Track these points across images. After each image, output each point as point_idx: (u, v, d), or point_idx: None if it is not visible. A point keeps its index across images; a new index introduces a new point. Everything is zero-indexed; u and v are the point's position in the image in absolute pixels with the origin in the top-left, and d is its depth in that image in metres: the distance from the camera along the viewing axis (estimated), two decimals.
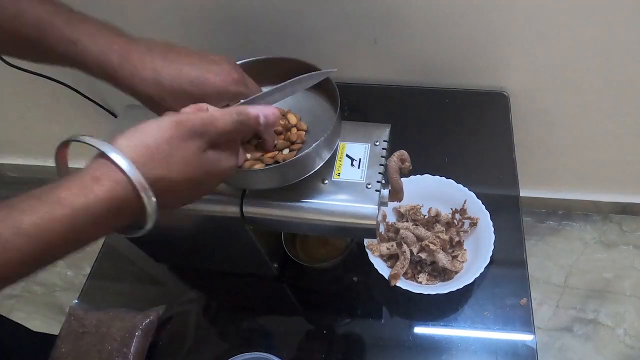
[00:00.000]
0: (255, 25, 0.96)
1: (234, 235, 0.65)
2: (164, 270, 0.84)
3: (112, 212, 0.34)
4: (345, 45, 0.99)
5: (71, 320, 0.75)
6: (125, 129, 0.37)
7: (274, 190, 0.56)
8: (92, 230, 0.35)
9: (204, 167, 0.39)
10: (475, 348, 0.72)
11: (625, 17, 0.86)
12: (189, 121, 0.38)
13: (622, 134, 1.13)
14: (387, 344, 0.74)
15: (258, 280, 0.81)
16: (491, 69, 1.00)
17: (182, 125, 0.38)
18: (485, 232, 0.75)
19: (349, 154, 0.59)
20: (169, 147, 0.37)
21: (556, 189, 1.41)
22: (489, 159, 0.92)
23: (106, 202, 0.34)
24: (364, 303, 0.79)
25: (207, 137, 0.39)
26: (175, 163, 0.37)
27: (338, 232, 0.61)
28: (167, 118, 0.38)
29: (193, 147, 0.38)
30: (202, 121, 0.39)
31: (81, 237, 0.35)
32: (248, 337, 0.77)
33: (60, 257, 0.35)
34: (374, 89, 1.06)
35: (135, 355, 0.71)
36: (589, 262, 1.41)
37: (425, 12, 0.89)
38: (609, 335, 1.30)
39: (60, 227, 0.33)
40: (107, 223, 0.35)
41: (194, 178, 0.39)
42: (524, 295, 0.75)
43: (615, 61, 0.94)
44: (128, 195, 0.35)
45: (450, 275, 0.74)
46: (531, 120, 1.11)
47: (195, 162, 0.38)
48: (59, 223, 0.33)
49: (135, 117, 0.62)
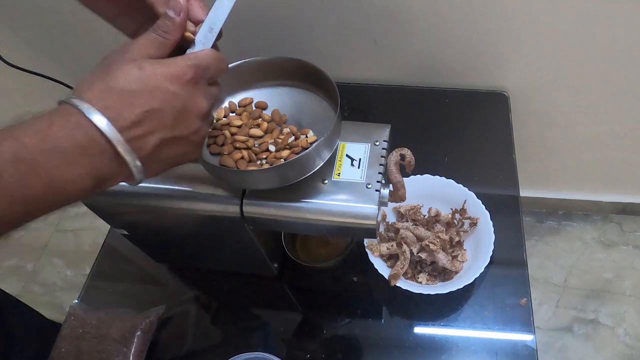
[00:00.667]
0: (255, 25, 0.97)
1: (234, 235, 0.65)
2: (164, 270, 0.84)
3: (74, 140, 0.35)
4: (345, 45, 0.99)
5: (71, 320, 0.75)
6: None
7: (274, 190, 0.56)
8: (64, 164, 0.35)
9: (136, 66, 0.38)
10: (475, 348, 0.72)
11: (625, 17, 0.86)
12: (115, 50, 0.40)
13: (622, 134, 1.13)
14: (387, 344, 0.74)
15: (258, 280, 0.81)
16: (491, 69, 1.00)
17: (110, 51, 0.40)
18: (485, 232, 0.75)
19: (349, 154, 0.59)
20: (103, 66, 0.38)
21: (556, 189, 1.41)
22: (489, 159, 0.92)
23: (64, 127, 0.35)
24: (364, 303, 0.79)
25: (129, 48, 0.40)
26: (108, 73, 0.38)
27: (338, 232, 0.61)
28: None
29: (122, 59, 0.39)
30: (123, 45, 0.40)
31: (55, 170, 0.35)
32: (248, 337, 0.77)
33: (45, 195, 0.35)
34: (374, 89, 1.06)
35: (135, 355, 0.71)
36: (589, 262, 1.41)
37: (425, 12, 0.90)
38: (609, 335, 1.30)
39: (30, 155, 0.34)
40: (77, 158, 0.35)
41: (135, 80, 0.38)
42: (524, 295, 0.75)
43: (615, 61, 0.94)
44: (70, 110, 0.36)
45: (450, 275, 0.74)
46: (531, 120, 1.11)
47: (127, 65, 0.38)
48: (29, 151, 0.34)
49: None
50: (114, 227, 0.70)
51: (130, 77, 0.38)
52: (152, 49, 0.40)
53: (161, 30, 0.41)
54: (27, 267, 1.53)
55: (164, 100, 0.39)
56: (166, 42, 0.41)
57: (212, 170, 0.54)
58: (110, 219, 0.68)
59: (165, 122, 0.39)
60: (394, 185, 0.59)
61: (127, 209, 0.64)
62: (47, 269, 1.53)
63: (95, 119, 0.35)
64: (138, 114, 0.37)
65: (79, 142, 0.35)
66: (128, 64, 0.38)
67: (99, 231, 1.54)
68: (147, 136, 0.38)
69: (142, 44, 0.40)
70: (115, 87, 0.37)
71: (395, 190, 0.60)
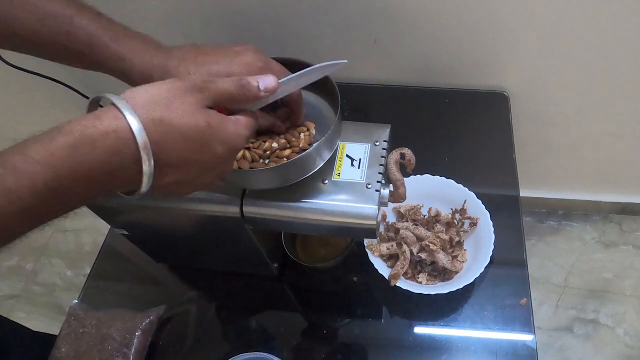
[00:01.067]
0: (255, 25, 0.97)
1: (234, 235, 0.65)
2: (164, 270, 0.84)
3: (108, 147, 0.35)
4: (345, 45, 0.99)
5: (71, 320, 0.75)
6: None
7: (274, 190, 0.56)
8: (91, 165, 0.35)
9: (205, 119, 0.39)
10: (475, 348, 0.72)
11: (625, 17, 0.86)
12: (190, 78, 0.40)
13: (622, 134, 1.13)
14: (387, 344, 0.74)
15: (258, 280, 0.81)
16: (491, 69, 1.00)
17: (183, 80, 0.40)
18: (485, 232, 0.75)
19: (349, 154, 0.59)
20: (170, 95, 0.38)
21: (556, 189, 1.41)
22: (489, 158, 0.92)
23: (102, 134, 0.35)
24: (364, 303, 0.79)
25: (207, 93, 0.40)
26: (175, 108, 0.37)
27: (338, 232, 0.61)
28: (172, 78, 0.40)
29: (193, 99, 0.39)
30: (202, 79, 0.41)
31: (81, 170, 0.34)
32: (248, 337, 0.77)
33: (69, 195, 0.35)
34: (374, 89, 1.06)
35: (135, 355, 0.71)
36: (589, 262, 1.41)
37: (425, 13, 0.90)
38: (609, 335, 1.30)
39: (61, 151, 0.33)
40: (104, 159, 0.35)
41: (195, 130, 0.38)
42: (524, 295, 0.75)
43: (615, 61, 0.94)
44: (124, 133, 0.35)
45: (450, 275, 0.74)
46: (531, 120, 1.11)
47: (196, 112, 0.38)
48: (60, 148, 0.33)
49: None
50: (114, 227, 0.70)
51: (196, 127, 0.38)
52: (224, 101, 0.42)
53: (243, 93, 0.43)
54: (27, 267, 1.53)
55: (207, 158, 0.40)
56: (238, 103, 0.43)
57: None
58: (110, 219, 0.68)
59: (193, 172, 0.40)
60: (394, 184, 0.59)
61: (127, 209, 0.64)
62: (47, 269, 1.53)
63: (142, 150, 0.35)
64: (178, 160, 0.38)
65: (113, 169, 0.35)
66: (199, 112, 0.39)
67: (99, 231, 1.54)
68: (170, 175, 0.39)
69: (219, 93, 0.41)
70: (176, 130, 0.37)
71: (395, 189, 0.60)
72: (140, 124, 0.35)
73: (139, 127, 0.35)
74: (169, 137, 0.37)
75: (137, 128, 0.35)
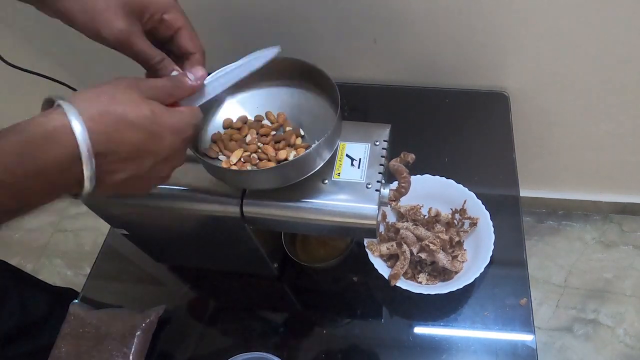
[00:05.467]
0: (255, 25, 0.97)
1: (234, 235, 0.65)
2: (164, 270, 0.84)
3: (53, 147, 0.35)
4: (345, 45, 0.99)
5: (71, 320, 0.75)
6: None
7: (274, 190, 0.56)
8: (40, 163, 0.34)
9: (149, 108, 0.39)
10: (475, 348, 0.72)
11: (625, 17, 0.86)
12: (129, 77, 0.41)
13: (622, 134, 1.13)
14: (387, 344, 0.74)
15: (258, 280, 0.81)
16: (491, 69, 1.00)
17: (124, 78, 0.40)
18: (485, 232, 0.75)
19: (349, 154, 0.59)
20: (113, 88, 0.39)
21: (556, 189, 1.41)
22: (489, 159, 0.92)
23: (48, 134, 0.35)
24: (364, 303, 0.79)
25: (144, 87, 0.41)
26: (119, 100, 0.38)
27: (338, 232, 0.61)
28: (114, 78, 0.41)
29: (134, 92, 0.39)
30: (135, 78, 0.42)
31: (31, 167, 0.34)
32: (248, 337, 0.77)
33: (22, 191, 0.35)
34: (374, 89, 1.06)
35: (135, 355, 0.71)
36: (589, 262, 1.41)
37: (425, 12, 0.90)
38: (609, 335, 1.30)
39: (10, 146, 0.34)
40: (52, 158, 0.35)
41: (141, 117, 0.38)
42: (524, 295, 0.75)
43: (615, 61, 0.94)
44: (67, 135, 0.35)
45: (450, 275, 0.74)
46: (531, 120, 1.11)
47: (140, 102, 0.39)
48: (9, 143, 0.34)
49: None
50: (114, 227, 0.70)
51: (141, 115, 0.39)
52: (161, 95, 0.42)
53: (176, 85, 0.45)
54: (27, 267, 1.53)
55: (158, 148, 0.40)
56: (174, 95, 0.44)
57: (212, 171, 0.54)
58: (110, 219, 0.68)
59: (146, 165, 0.41)
60: (396, 172, 0.59)
61: (127, 209, 0.64)
62: (47, 269, 1.53)
63: (82, 142, 0.35)
64: (128, 152, 0.38)
65: (63, 167, 0.35)
66: (142, 102, 0.39)
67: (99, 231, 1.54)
68: (122, 171, 0.39)
69: (156, 87, 0.42)
70: (123, 119, 0.37)
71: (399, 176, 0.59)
72: (83, 127, 0.35)
73: (81, 130, 0.35)
74: (117, 127, 0.37)
75: (80, 131, 0.35)
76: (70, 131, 0.35)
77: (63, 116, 0.35)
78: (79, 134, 0.35)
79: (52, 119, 0.35)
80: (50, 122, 0.35)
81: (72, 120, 0.35)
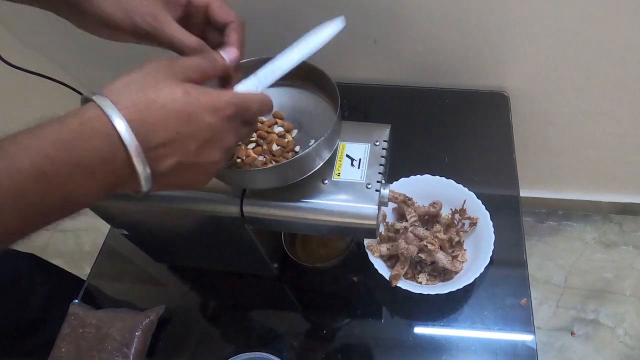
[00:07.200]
0: (255, 25, 0.96)
1: (234, 235, 0.65)
2: (164, 270, 0.84)
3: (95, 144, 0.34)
4: (345, 45, 0.99)
5: (71, 320, 0.75)
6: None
7: (274, 190, 0.56)
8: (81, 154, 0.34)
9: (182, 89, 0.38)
10: (475, 348, 0.72)
11: (625, 17, 0.86)
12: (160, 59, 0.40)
13: (622, 134, 1.13)
14: (387, 344, 0.74)
15: (258, 280, 0.81)
16: (491, 69, 1.00)
17: (154, 60, 0.39)
18: (485, 232, 0.75)
19: (349, 154, 0.59)
20: (144, 74, 0.38)
21: (556, 189, 1.41)
22: (489, 159, 0.92)
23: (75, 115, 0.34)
24: (364, 303, 0.79)
25: (176, 67, 0.40)
26: (150, 84, 0.37)
27: (338, 232, 0.61)
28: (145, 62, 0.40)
29: (166, 74, 0.39)
30: (171, 58, 0.41)
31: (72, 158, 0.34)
32: (248, 337, 0.77)
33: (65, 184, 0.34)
34: (374, 89, 1.06)
35: (135, 355, 0.71)
36: (589, 262, 1.41)
37: (425, 13, 0.90)
38: (609, 335, 1.30)
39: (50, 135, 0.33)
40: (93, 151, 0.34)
41: (176, 99, 0.38)
42: (524, 295, 0.75)
43: (615, 61, 0.94)
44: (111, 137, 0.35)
45: (450, 275, 0.74)
46: (531, 120, 1.11)
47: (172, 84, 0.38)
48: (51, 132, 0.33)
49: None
50: (114, 227, 0.70)
51: (174, 97, 0.38)
52: (195, 75, 0.41)
53: (210, 64, 0.43)
54: None
55: (197, 128, 0.39)
56: (209, 75, 0.43)
57: None
58: (110, 219, 0.68)
59: (190, 148, 0.39)
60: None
61: (127, 209, 0.64)
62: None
63: (123, 131, 0.35)
64: (168, 136, 0.37)
65: (104, 156, 0.35)
66: (174, 84, 0.38)
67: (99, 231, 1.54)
68: (167, 157, 0.38)
69: (189, 67, 0.41)
70: (155, 103, 0.37)
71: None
72: (121, 118, 0.35)
73: (120, 121, 0.35)
74: (152, 113, 0.36)
75: (119, 122, 0.35)
76: (108, 121, 0.34)
77: (98, 109, 0.35)
78: (119, 125, 0.34)
79: (87, 112, 0.35)
80: (86, 114, 0.35)
81: (108, 112, 0.34)
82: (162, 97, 0.37)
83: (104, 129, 0.35)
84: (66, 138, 0.34)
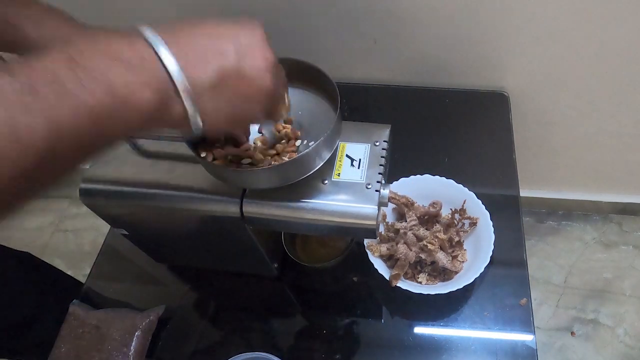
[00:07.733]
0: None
1: (234, 235, 0.65)
2: (164, 270, 0.84)
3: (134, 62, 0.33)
4: (345, 45, 0.99)
5: (71, 320, 0.75)
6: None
7: (274, 190, 0.56)
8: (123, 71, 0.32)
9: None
10: (475, 348, 0.72)
11: (624, 18, 0.86)
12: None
13: (622, 134, 1.13)
14: (387, 344, 0.74)
15: (258, 280, 0.81)
16: (491, 69, 1.00)
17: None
18: (485, 232, 0.75)
19: (349, 154, 0.59)
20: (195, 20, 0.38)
21: (556, 189, 1.41)
22: (489, 159, 0.92)
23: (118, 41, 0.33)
24: (364, 303, 0.79)
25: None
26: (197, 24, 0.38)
27: (338, 232, 0.60)
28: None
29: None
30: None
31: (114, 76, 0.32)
32: (248, 337, 0.77)
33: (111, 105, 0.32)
34: (374, 89, 1.06)
35: (135, 355, 0.71)
36: (589, 262, 1.41)
37: (425, 13, 0.90)
38: (609, 335, 1.30)
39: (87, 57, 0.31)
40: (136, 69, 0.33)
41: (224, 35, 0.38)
42: (524, 295, 0.75)
43: (614, 61, 0.94)
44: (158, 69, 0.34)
45: (450, 275, 0.74)
46: (531, 120, 1.11)
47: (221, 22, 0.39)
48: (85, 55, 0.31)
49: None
50: (114, 227, 0.70)
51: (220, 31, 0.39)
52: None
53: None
54: None
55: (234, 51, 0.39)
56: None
57: (212, 170, 0.54)
58: (110, 219, 0.68)
59: (230, 56, 0.38)
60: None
61: (127, 209, 0.64)
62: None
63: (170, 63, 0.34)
64: (202, 43, 0.37)
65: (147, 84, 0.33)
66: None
67: (99, 231, 1.54)
68: (206, 64, 0.36)
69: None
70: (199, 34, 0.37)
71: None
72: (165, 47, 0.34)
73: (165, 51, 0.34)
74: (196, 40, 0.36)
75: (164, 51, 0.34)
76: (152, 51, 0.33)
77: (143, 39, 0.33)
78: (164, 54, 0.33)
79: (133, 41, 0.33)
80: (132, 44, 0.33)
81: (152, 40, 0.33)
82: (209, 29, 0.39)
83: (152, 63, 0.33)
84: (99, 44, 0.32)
